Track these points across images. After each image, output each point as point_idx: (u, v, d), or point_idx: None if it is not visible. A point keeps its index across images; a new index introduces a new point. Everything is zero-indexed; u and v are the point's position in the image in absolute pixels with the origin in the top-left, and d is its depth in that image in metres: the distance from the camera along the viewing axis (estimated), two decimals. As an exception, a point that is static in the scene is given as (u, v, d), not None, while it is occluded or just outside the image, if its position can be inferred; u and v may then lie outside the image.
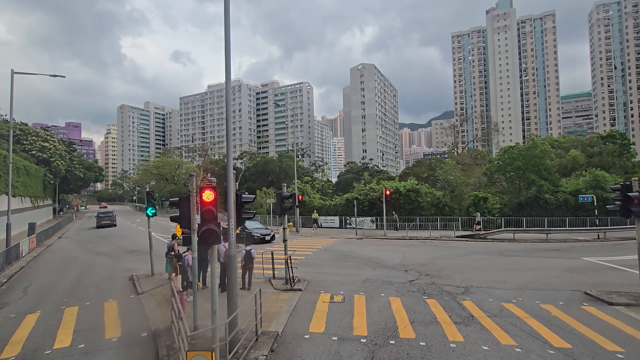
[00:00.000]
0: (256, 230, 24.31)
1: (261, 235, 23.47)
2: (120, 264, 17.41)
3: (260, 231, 24.24)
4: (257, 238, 22.90)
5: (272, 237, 23.74)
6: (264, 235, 23.53)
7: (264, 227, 26.32)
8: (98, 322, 9.43)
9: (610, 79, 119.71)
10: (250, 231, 23.17)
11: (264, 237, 23.43)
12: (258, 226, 25.97)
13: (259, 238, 23.20)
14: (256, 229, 24.73)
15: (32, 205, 41.51)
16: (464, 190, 33.10)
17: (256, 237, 22.91)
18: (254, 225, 25.39)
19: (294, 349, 7.42)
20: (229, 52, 7.29)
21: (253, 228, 24.24)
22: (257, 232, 23.90)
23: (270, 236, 23.67)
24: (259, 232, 23.87)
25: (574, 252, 18.78)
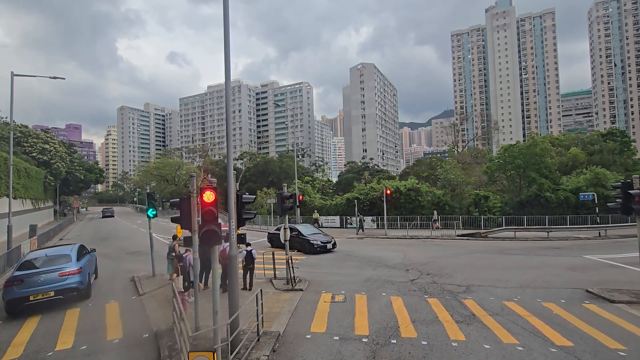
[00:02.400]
0: (314, 237, 19.73)
1: (322, 243, 19.07)
2: (122, 265, 17.43)
3: (320, 238, 19.70)
4: (317, 247, 18.83)
5: (333, 244, 19.62)
6: (324, 243, 19.12)
7: (322, 233, 21.49)
8: (100, 323, 9.44)
9: (610, 76, 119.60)
10: (307, 238, 19.23)
11: (325, 245, 19.06)
12: (314, 231, 20.96)
13: (320, 247, 18.92)
14: (314, 235, 20.04)
15: (33, 207, 41.54)
16: (464, 189, 33.07)
17: (316, 246, 18.83)
18: (310, 231, 20.61)
19: (296, 349, 7.42)
20: (228, 52, 7.29)
21: (310, 234, 19.83)
22: (316, 239, 19.38)
23: (332, 243, 19.47)
24: (318, 240, 19.27)
25: (575, 250, 18.77)
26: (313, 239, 19.20)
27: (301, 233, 19.68)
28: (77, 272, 11.19)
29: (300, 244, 19.31)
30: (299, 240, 19.31)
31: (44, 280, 10.58)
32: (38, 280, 10.52)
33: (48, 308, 10.35)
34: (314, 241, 19.06)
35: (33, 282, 10.43)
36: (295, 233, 18.99)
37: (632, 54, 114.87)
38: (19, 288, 10.24)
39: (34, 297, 10.31)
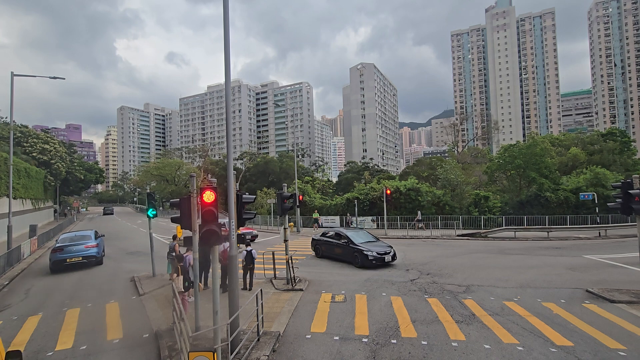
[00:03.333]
0: (368, 246, 15.67)
1: (378, 254, 14.99)
2: (122, 265, 17.43)
3: (375, 247, 15.54)
4: (372, 259, 14.87)
5: (393, 255, 15.48)
6: (382, 255, 15.05)
7: (376, 240, 17.03)
8: (100, 323, 9.44)
9: (610, 76, 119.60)
10: (360, 248, 15.46)
11: (382, 257, 15.02)
12: (367, 239, 16.75)
13: (376, 259, 14.91)
14: (368, 244, 15.96)
15: (33, 207, 41.55)
16: (464, 189, 33.05)
17: (371, 258, 14.87)
18: (363, 238, 16.62)
19: (296, 349, 7.43)
20: (228, 52, 7.29)
21: (363, 243, 15.99)
22: (371, 249, 15.31)
23: (391, 255, 15.39)
24: (373, 250, 15.18)
25: (575, 250, 18.77)
26: (366, 249, 15.29)
27: (351, 241, 16.08)
28: (95, 246, 17.19)
29: (350, 255, 15.85)
30: (348, 250, 15.99)
31: (75, 250, 16.47)
32: (72, 249, 16.41)
33: (78, 268, 14.47)
34: (367, 252, 15.09)
35: (68, 250, 16.30)
36: (344, 241, 16.51)
37: (632, 53, 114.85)
38: (60, 254, 16.07)
39: (69, 260, 15.97)
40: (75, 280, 14.69)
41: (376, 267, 14.89)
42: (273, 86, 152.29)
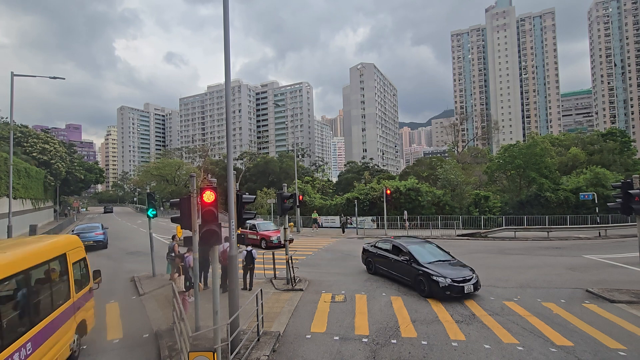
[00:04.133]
0: (439, 268, 10.99)
1: (454, 282, 10.35)
2: (122, 265, 17.42)
3: (450, 271, 10.85)
4: (445, 287, 10.27)
5: (476, 283, 10.65)
6: (459, 284, 10.36)
7: (455, 260, 11.95)
8: (100, 323, 9.42)
9: (610, 76, 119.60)
10: (427, 270, 10.87)
11: (460, 286, 10.32)
12: (438, 256, 11.90)
13: (451, 288, 10.27)
14: (438, 265, 11.22)
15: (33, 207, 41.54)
16: (464, 189, 33.06)
17: (443, 286, 10.29)
18: (432, 256, 11.80)
19: (296, 349, 7.43)
20: (228, 52, 7.29)
21: (431, 263, 11.30)
22: (444, 273, 10.68)
23: (472, 282, 10.58)
24: (447, 276, 10.55)
25: (575, 250, 18.77)
26: (437, 273, 10.59)
27: (414, 259, 11.47)
28: (102, 234, 23.54)
29: (413, 278, 11.26)
30: (411, 271, 11.43)
31: (88, 236, 21.89)
32: (86, 236, 21.52)
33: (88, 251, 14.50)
34: (438, 277, 10.43)
35: (83, 236, 19.64)
36: (404, 258, 11.86)
37: (632, 53, 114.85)
38: None
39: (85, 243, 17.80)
40: (75, 280, 14.67)
41: (451, 299, 10.28)
42: (273, 86, 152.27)
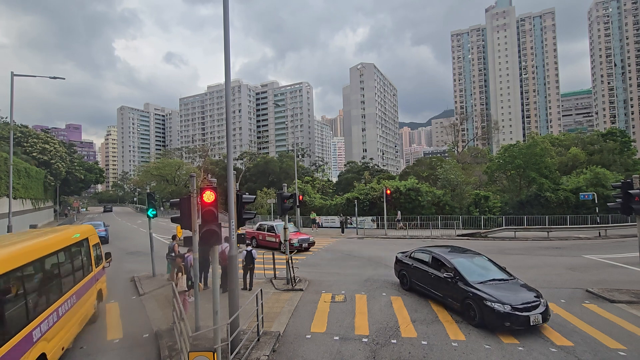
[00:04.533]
0: (494, 290, 8.52)
1: (515, 309, 7.91)
2: (122, 265, 17.42)
3: (509, 294, 8.40)
4: (504, 317, 7.86)
5: (545, 312, 8.07)
6: (522, 312, 7.88)
7: (514, 279, 9.38)
8: (100, 323, 9.44)
9: (610, 76, 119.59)
10: (479, 293, 8.43)
11: (524, 316, 7.81)
12: (493, 274, 9.40)
13: (511, 318, 7.83)
14: (493, 286, 8.77)
15: (33, 207, 41.55)
16: (464, 189, 33.07)
17: (503, 313, 7.88)
18: (485, 273, 9.41)
19: (296, 349, 7.43)
20: (228, 52, 7.29)
21: (483, 283, 8.87)
22: (501, 297, 8.20)
23: (540, 312, 7.99)
24: (505, 301, 8.07)
25: (575, 250, 18.77)
26: (492, 297, 8.18)
27: (460, 276, 9.03)
28: (104, 231, 25.50)
29: (459, 299, 8.83)
30: (456, 290, 9.00)
31: None
32: None
33: None
34: (494, 303, 8.04)
35: None
36: (447, 274, 9.30)
37: (632, 53, 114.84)
38: None
39: None
40: (75, 280, 14.66)
41: (510, 330, 7.87)
42: (273, 86, 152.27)
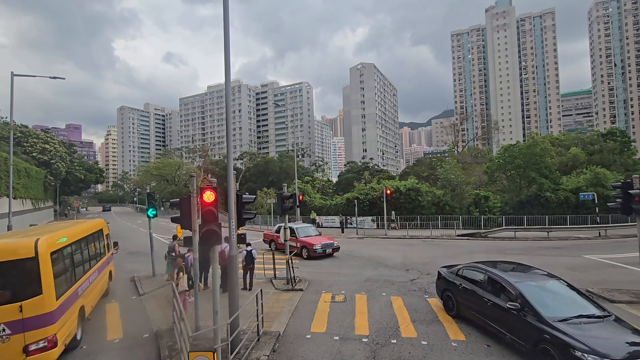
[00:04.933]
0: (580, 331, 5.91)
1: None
2: (122, 265, 17.40)
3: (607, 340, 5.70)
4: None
5: None
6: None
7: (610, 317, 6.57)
8: (100, 323, 9.44)
9: (610, 76, 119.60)
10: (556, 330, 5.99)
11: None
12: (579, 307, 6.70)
13: None
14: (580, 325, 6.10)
15: (33, 207, 41.54)
16: (464, 189, 33.07)
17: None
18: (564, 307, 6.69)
19: (296, 349, 7.43)
20: (228, 52, 7.29)
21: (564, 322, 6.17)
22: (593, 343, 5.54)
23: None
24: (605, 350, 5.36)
25: (575, 250, 18.77)
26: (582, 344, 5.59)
27: (533, 309, 6.57)
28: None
29: (531, 342, 6.41)
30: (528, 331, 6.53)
31: None
32: None
33: None
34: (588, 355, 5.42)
35: None
36: (512, 304, 6.90)
37: (632, 53, 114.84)
38: None
39: None
40: (75, 280, 14.66)
41: None
42: (273, 86, 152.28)
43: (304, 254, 17.72)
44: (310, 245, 17.55)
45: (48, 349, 6.56)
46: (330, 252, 17.92)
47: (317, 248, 17.40)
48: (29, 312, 6.45)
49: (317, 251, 17.33)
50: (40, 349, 6.48)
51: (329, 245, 17.92)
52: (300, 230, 19.09)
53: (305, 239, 18.25)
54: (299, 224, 20.49)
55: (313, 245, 17.48)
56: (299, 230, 19.01)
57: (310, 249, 17.45)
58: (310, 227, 20.37)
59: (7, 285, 6.51)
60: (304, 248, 17.80)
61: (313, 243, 17.59)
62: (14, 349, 6.30)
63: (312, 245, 17.53)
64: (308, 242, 17.78)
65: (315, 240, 17.96)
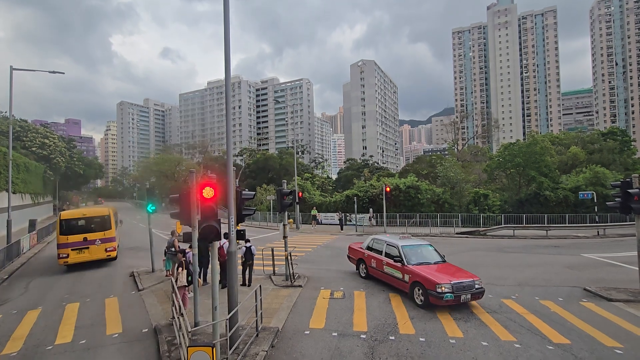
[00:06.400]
0: None
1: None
2: (121, 260, 17.44)
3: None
4: None
5: None
6: None
7: None
8: (99, 318, 9.47)
9: (611, 75, 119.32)
10: None
11: None
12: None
13: None
14: None
15: (33, 202, 41.53)
16: (464, 187, 33.09)
17: None
18: None
19: (294, 345, 7.46)
20: (228, 48, 7.26)
21: None
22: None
23: None
24: None
25: (574, 249, 18.83)
26: None
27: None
28: None
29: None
30: None
31: None
32: None
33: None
34: None
35: None
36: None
37: (634, 52, 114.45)
38: None
39: None
40: (75, 275, 14.71)
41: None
42: (273, 82, 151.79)
43: (417, 296, 9.84)
44: (431, 282, 9.41)
45: (113, 250, 16.13)
46: (469, 298, 9.36)
47: (445, 291, 9.14)
48: (106, 235, 15.91)
49: (443, 296, 9.10)
50: (111, 250, 16.00)
51: (465, 286, 9.40)
52: (408, 250, 11.10)
53: (419, 269, 10.21)
54: (407, 240, 11.99)
55: (436, 284, 9.27)
56: (405, 250, 11.07)
57: (432, 290, 9.30)
58: (427, 247, 11.69)
59: (99, 225, 15.95)
60: (417, 286, 9.90)
61: (436, 280, 9.39)
62: (102, 249, 15.73)
63: (434, 283, 9.37)
64: (426, 277, 9.68)
65: (440, 274, 9.78)
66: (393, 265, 11.06)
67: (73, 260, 15.08)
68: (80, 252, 15.24)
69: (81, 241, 15.29)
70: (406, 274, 10.44)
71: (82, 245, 15.30)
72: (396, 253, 11.15)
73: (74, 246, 15.13)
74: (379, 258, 11.90)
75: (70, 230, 15.40)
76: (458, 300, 9.27)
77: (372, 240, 12.92)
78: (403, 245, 11.32)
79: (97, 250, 15.52)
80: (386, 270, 11.45)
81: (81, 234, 15.41)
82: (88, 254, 15.38)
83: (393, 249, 11.45)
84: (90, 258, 15.42)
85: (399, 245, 11.33)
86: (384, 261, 11.57)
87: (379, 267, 11.91)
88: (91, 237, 15.51)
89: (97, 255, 15.54)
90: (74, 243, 15.15)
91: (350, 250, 14.07)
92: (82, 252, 15.30)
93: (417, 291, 9.95)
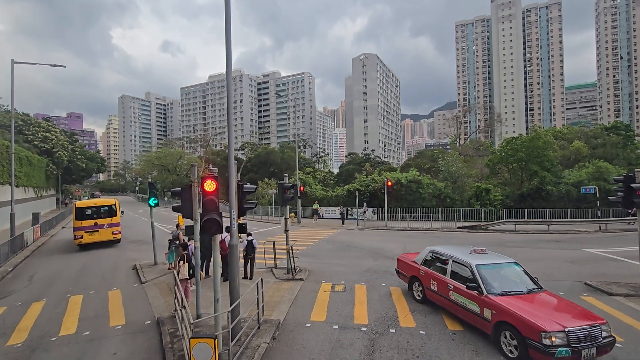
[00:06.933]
0: None
1: None
2: (124, 253, 17.57)
3: None
4: None
5: None
6: None
7: None
8: (103, 310, 9.57)
9: (615, 69, 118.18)
10: None
11: None
12: None
13: None
14: None
15: (36, 195, 41.75)
16: (466, 182, 33.02)
17: None
18: None
19: (296, 337, 7.52)
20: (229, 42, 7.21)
21: None
22: None
23: None
24: None
25: (575, 243, 18.81)
26: None
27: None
28: None
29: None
30: None
31: None
32: None
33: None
34: None
35: None
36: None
37: (639, 46, 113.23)
38: None
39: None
40: (79, 267, 14.84)
41: None
42: (274, 76, 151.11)
43: (506, 344, 6.60)
44: (533, 328, 6.09)
45: (118, 233, 19.65)
46: (594, 354, 6.00)
47: (556, 343, 5.86)
48: (112, 221, 19.29)
49: (555, 352, 5.77)
50: (116, 233, 19.46)
51: (588, 336, 6.06)
52: (487, 272, 7.81)
53: (507, 302, 6.88)
54: (482, 257, 8.44)
55: (541, 332, 5.95)
56: (483, 272, 7.77)
57: (533, 340, 6.02)
58: (513, 267, 8.29)
59: (107, 213, 19.30)
60: (505, 328, 6.65)
61: (541, 326, 6.03)
62: (109, 232, 19.12)
63: (538, 329, 6.02)
64: (523, 318, 6.33)
65: (543, 314, 6.42)
66: (464, 292, 7.73)
67: (86, 240, 18.50)
68: (91, 234, 18.68)
69: (92, 225, 18.71)
70: (487, 308, 7.07)
71: (93, 228, 18.74)
72: (468, 274, 7.89)
73: (87, 229, 18.58)
74: (442, 279, 8.61)
75: (84, 216, 18.76)
76: (578, 357, 5.87)
77: (430, 253, 9.60)
78: (478, 265, 7.88)
79: (105, 233, 18.98)
80: (453, 297, 8.10)
81: (92, 220, 18.83)
82: (98, 235, 18.79)
83: (463, 268, 8.17)
84: (99, 239, 18.83)
85: (472, 264, 7.94)
86: (450, 284, 8.26)
87: (442, 291, 8.58)
88: (100, 222, 18.96)
89: (105, 237, 18.98)
90: (86, 227, 18.60)
91: (400, 264, 10.71)
92: (93, 234, 18.73)
93: (506, 337, 6.61)
